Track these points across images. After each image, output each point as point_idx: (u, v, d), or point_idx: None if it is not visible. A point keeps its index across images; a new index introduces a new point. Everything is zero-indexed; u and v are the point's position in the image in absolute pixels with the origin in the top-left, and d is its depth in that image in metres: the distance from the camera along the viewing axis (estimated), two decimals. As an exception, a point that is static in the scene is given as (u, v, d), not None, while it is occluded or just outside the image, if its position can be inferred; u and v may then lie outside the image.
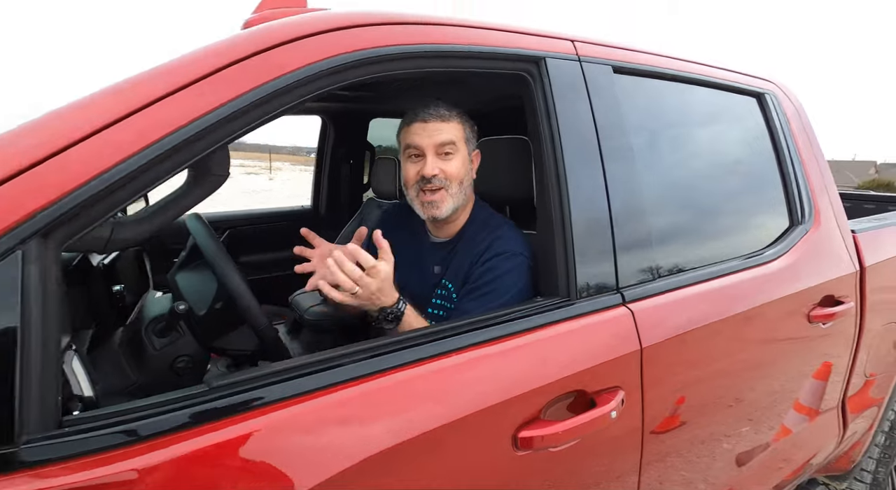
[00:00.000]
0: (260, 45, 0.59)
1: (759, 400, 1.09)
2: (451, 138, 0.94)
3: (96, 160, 0.47)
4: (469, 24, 0.78)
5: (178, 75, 0.54)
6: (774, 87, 1.31)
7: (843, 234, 1.28)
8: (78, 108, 0.50)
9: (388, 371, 0.60)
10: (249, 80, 0.56)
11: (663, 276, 0.91)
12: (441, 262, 1.01)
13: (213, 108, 0.54)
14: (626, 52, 0.97)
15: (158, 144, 0.50)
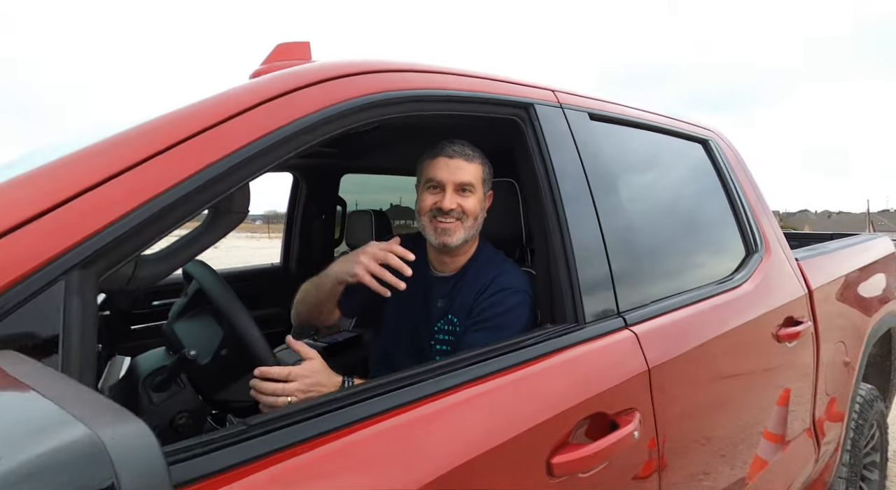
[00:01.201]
0: (275, 92, 0.61)
1: (751, 421, 1.14)
2: (471, 180, 0.98)
3: (134, 195, 0.46)
4: (467, 73, 0.85)
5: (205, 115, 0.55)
6: (714, 134, 1.50)
7: (790, 261, 1.43)
8: (113, 144, 0.49)
9: (417, 403, 0.58)
10: (271, 123, 0.58)
11: (655, 301, 0.96)
12: (445, 296, 1.02)
13: (241, 146, 0.55)
14: (598, 101, 1.09)
15: (189, 181, 0.50)
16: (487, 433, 0.61)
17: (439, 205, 0.96)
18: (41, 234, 0.40)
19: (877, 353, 2.17)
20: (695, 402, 0.95)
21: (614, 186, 0.99)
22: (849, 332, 1.64)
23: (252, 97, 0.58)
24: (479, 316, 0.94)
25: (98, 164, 0.46)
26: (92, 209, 0.43)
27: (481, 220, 1.03)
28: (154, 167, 0.48)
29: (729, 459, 1.08)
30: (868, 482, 1.98)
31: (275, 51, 0.84)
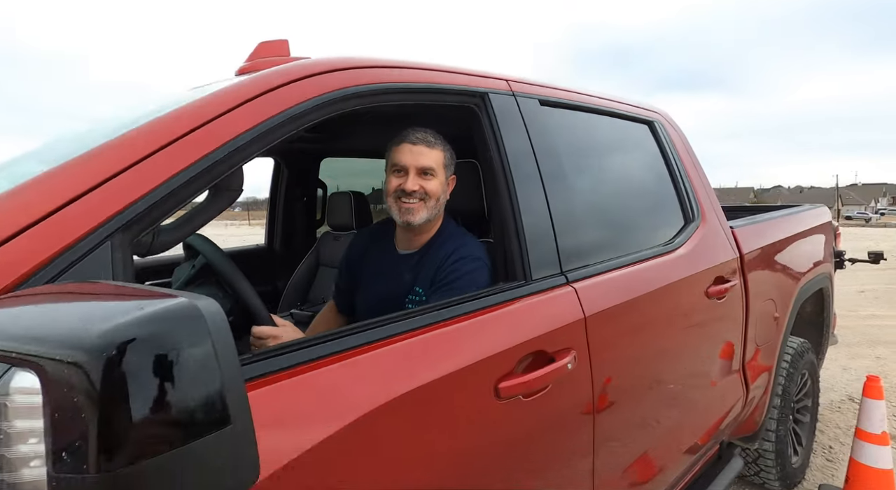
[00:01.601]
0: (264, 88, 0.73)
1: (680, 365, 1.33)
2: (432, 164, 1.10)
3: (156, 175, 0.58)
4: (426, 66, 0.98)
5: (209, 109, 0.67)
6: (660, 116, 1.66)
7: (724, 229, 1.61)
8: (138, 135, 0.61)
9: (399, 336, 0.73)
10: (261, 114, 0.70)
11: (596, 263, 1.13)
12: (412, 271, 1.15)
13: (238, 134, 0.67)
14: (548, 88, 1.23)
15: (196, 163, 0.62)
16: (450, 362, 0.76)
17: (403, 187, 1.09)
18: (93, 204, 0.52)
19: (812, 310, 2.42)
20: (629, 345, 1.13)
21: (561, 165, 1.14)
22: (778, 291, 1.85)
23: (244, 93, 0.70)
24: (441, 281, 1.08)
25: (126, 153, 0.58)
26: (126, 186, 0.55)
27: (444, 201, 1.15)
28: (170, 153, 0.60)
29: (662, 395, 1.27)
30: (801, 425, 2.24)
31: (257, 48, 0.95)
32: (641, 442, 1.20)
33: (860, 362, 3.69)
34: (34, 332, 0.28)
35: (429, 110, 1.13)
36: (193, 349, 0.30)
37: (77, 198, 0.52)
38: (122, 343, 0.28)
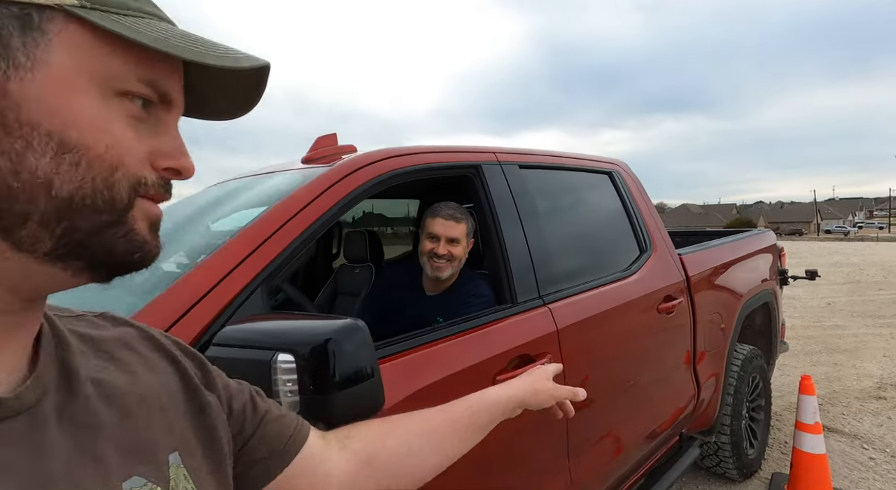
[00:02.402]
0: (336, 178, 1.10)
1: (638, 367, 1.69)
2: (458, 235, 1.48)
3: (283, 240, 0.93)
4: (442, 149, 1.36)
5: (305, 196, 1.03)
6: (618, 167, 2.06)
7: (672, 256, 2.00)
8: (265, 217, 0.96)
9: (423, 346, 1.08)
10: (336, 196, 1.06)
11: (566, 288, 1.49)
12: (437, 307, 1.51)
13: (323, 212, 1.03)
14: (526, 155, 1.61)
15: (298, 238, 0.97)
16: (464, 361, 1.11)
17: (435, 251, 1.46)
18: (251, 264, 0.87)
19: (761, 321, 2.81)
20: (593, 351, 1.48)
21: (536, 213, 1.52)
22: (723, 306, 2.23)
23: (324, 183, 1.07)
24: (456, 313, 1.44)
25: (265, 229, 0.93)
26: (266, 252, 0.90)
27: (464, 258, 1.52)
28: (287, 229, 0.95)
29: (624, 391, 1.62)
30: (756, 422, 2.59)
31: (316, 141, 1.33)
32: (608, 426, 1.54)
33: (819, 369, 4.08)
34: (287, 333, 0.62)
35: (442, 178, 1.50)
36: (357, 342, 0.64)
37: (244, 260, 0.86)
38: (328, 338, 0.62)
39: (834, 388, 3.62)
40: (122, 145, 0.31)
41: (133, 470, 0.34)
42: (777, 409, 3.17)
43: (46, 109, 0.28)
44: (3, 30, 0.28)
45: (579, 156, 1.89)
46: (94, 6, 0.30)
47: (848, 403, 3.35)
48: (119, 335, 0.41)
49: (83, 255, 0.31)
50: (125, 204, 0.31)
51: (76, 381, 0.35)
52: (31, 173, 0.28)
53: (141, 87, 0.32)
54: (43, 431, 0.31)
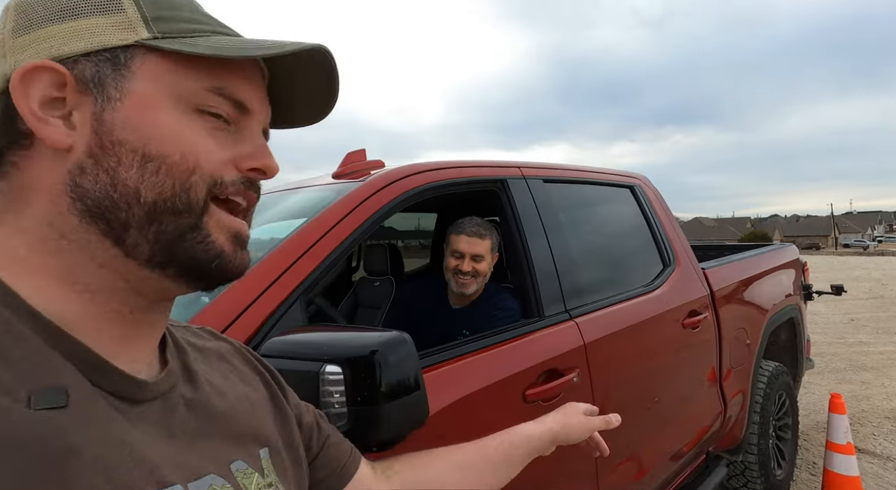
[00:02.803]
0: (368, 193, 1.12)
1: (664, 383, 1.66)
2: (482, 252, 1.49)
3: (320, 254, 0.95)
4: (468, 163, 1.38)
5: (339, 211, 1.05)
6: (639, 181, 2.06)
7: (696, 271, 1.98)
8: (302, 231, 0.98)
9: (452, 360, 1.08)
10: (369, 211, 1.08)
11: (592, 302, 1.48)
12: (462, 320, 1.52)
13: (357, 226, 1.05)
14: (549, 170, 1.63)
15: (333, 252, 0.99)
16: (493, 375, 1.10)
17: (460, 268, 1.48)
18: (290, 277, 0.88)
19: (786, 337, 2.75)
20: (620, 365, 1.47)
21: (561, 227, 1.52)
22: (748, 321, 2.19)
23: (357, 198, 1.09)
24: (482, 327, 1.44)
25: (303, 241, 0.95)
26: (304, 266, 0.92)
27: (489, 273, 1.53)
28: (324, 242, 0.97)
29: (650, 406, 1.59)
30: (784, 441, 2.52)
31: (346, 157, 1.36)
32: (633, 444, 1.51)
33: (846, 387, 3.96)
34: (334, 345, 0.63)
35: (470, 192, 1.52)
36: (403, 354, 0.64)
37: (283, 273, 0.88)
38: (374, 350, 0.63)
39: (863, 408, 3.51)
40: (196, 151, 0.34)
41: (237, 455, 0.39)
42: (804, 428, 3.08)
43: (131, 129, 0.33)
44: (100, 72, 0.33)
45: (601, 170, 1.90)
46: (164, 35, 0.34)
47: (879, 423, 3.24)
48: (216, 347, 0.47)
49: (173, 262, 0.35)
50: (200, 207, 0.35)
51: (195, 377, 0.40)
52: (124, 185, 0.33)
53: (212, 97, 0.35)
54: (172, 414, 0.36)
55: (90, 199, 0.33)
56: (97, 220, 0.33)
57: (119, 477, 0.29)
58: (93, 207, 0.33)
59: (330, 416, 0.62)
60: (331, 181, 1.29)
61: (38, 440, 0.27)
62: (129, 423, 0.32)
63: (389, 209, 1.11)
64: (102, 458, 0.29)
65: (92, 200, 0.33)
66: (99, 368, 0.33)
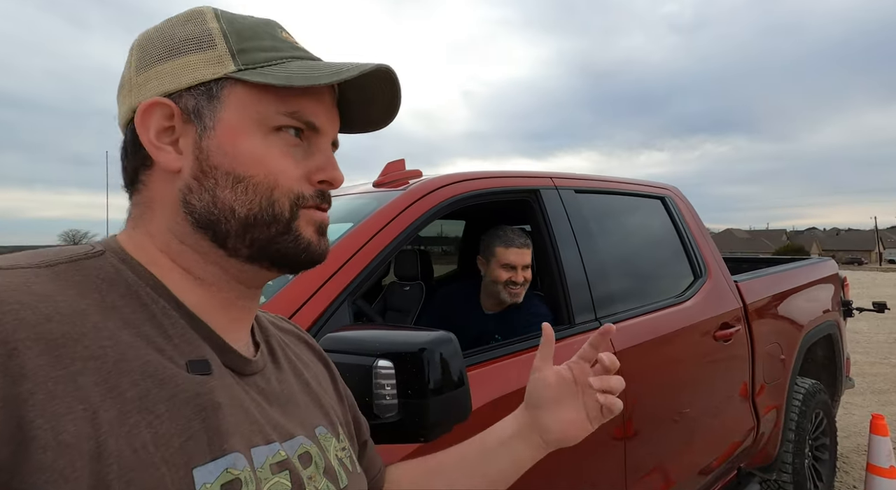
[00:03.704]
0: (409, 201, 1.18)
1: (694, 394, 1.65)
2: (529, 261, 1.55)
3: (365, 258, 1.01)
4: (503, 174, 1.43)
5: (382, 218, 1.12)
6: (670, 192, 2.06)
7: (728, 283, 1.96)
8: (349, 236, 1.05)
9: (485, 363, 1.12)
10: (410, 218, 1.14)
11: (622, 311, 1.50)
12: (496, 325, 1.57)
13: (399, 233, 1.11)
14: (581, 180, 1.66)
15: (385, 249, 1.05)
16: (524, 379, 1.14)
17: (514, 279, 1.53)
18: (339, 279, 0.95)
19: (823, 354, 2.67)
20: (651, 375, 1.47)
21: (592, 237, 1.55)
22: (783, 336, 2.15)
23: (399, 205, 1.15)
24: (517, 332, 1.48)
25: (351, 244, 1.02)
26: (351, 269, 0.98)
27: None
28: (369, 247, 1.03)
29: (679, 418, 1.59)
30: (821, 462, 2.44)
31: (386, 167, 1.43)
32: (661, 456, 1.51)
33: (890, 409, 3.78)
34: (386, 342, 0.68)
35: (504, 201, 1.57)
36: (449, 352, 0.69)
37: (333, 275, 0.95)
38: (422, 347, 0.68)
39: (907, 431, 3.35)
40: (276, 171, 0.40)
41: (320, 421, 0.46)
42: (843, 450, 2.97)
43: (223, 154, 0.39)
44: (199, 104, 0.39)
45: (633, 181, 1.91)
46: (248, 66, 0.39)
47: (924, 448, 3.09)
48: (290, 329, 0.54)
49: (266, 257, 0.41)
50: (288, 217, 0.40)
51: (280, 355, 0.47)
52: (222, 202, 0.39)
53: (287, 120, 0.40)
54: (268, 385, 0.43)
55: (197, 213, 0.39)
56: (205, 229, 0.39)
57: (243, 431, 0.37)
58: (200, 220, 0.39)
59: (381, 406, 0.67)
60: (372, 189, 1.36)
61: (198, 395, 0.35)
62: (243, 392, 0.39)
63: (429, 217, 1.17)
64: (234, 415, 0.37)
65: (199, 214, 0.39)
66: (222, 347, 0.40)
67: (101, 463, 0.29)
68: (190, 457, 0.33)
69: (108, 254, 0.38)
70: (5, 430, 0.27)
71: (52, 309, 0.31)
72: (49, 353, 0.29)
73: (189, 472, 0.32)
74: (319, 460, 0.43)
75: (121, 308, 0.35)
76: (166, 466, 0.31)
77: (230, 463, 0.34)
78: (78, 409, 0.29)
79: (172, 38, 0.40)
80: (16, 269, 0.33)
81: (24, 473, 0.27)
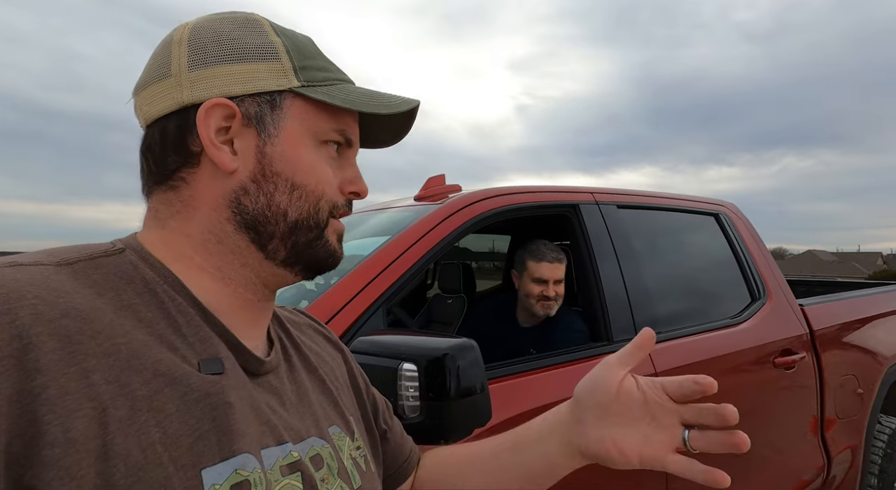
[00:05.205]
0: (446, 214, 1.23)
1: (749, 425, 1.54)
2: (562, 276, 1.57)
3: (401, 268, 1.07)
4: (541, 189, 1.44)
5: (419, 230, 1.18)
6: (725, 208, 1.96)
7: (792, 306, 1.82)
8: (387, 247, 1.12)
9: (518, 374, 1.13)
10: (446, 230, 1.19)
11: (666, 330, 1.44)
12: (532, 338, 1.57)
13: (435, 244, 1.16)
14: (623, 195, 1.63)
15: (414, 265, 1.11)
16: (558, 393, 1.13)
17: (545, 293, 1.55)
18: (374, 288, 1.01)
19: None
20: (695, 399, 1.40)
21: (634, 253, 1.52)
22: (860, 368, 1.94)
23: (436, 218, 1.20)
24: (553, 345, 1.47)
25: (386, 256, 1.08)
26: (387, 278, 1.04)
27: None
28: (405, 258, 1.09)
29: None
30: (912, 514, 2.15)
31: (427, 182, 1.49)
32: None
33: None
34: (411, 346, 0.73)
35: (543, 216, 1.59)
36: (470, 359, 0.72)
37: (369, 284, 1.02)
38: (445, 353, 0.71)
39: None
40: (325, 181, 0.43)
41: (333, 421, 0.47)
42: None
43: (285, 161, 0.41)
44: (261, 111, 0.41)
45: (682, 196, 1.85)
46: (309, 84, 0.42)
47: None
48: (307, 322, 0.57)
49: (300, 262, 0.43)
50: (324, 224, 0.43)
51: (294, 352, 0.48)
52: (277, 206, 0.41)
53: (335, 136, 0.43)
54: (282, 384, 0.44)
55: (248, 214, 0.40)
56: (249, 230, 0.40)
57: (253, 432, 0.37)
58: (248, 221, 0.40)
59: (406, 407, 0.71)
60: (412, 203, 1.43)
61: (209, 395, 0.35)
62: (256, 392, 0.40)
63: (463, 231, 1.21)
64: (245, 415, 0.37)
65: (250, 216, 0.40)
66: (236, 347, 0.40)
67: (108, 463, 0.29)
68: (199, 457, 0.33)
69: (128, 251, 0.39)
70: (20, 424, 0.27)
71: (69, 305, 0.32)
72: (63, 349, 0.30)
73: (197, 472, 0.32)
74: (332, 462, 0.42)
75: (136, 306, 0.35)
76: (174, 466, 0.31)
77: (240, 464, 0.34)
78: (88, 407, 0.29)
79: (235, 43, 0.41)
80: (37, 265, 0.33)
81: (35, 468, 0.27)
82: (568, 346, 1.41)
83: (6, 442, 0.27)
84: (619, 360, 0.50)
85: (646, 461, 0.46)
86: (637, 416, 0.47)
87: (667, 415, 0.46)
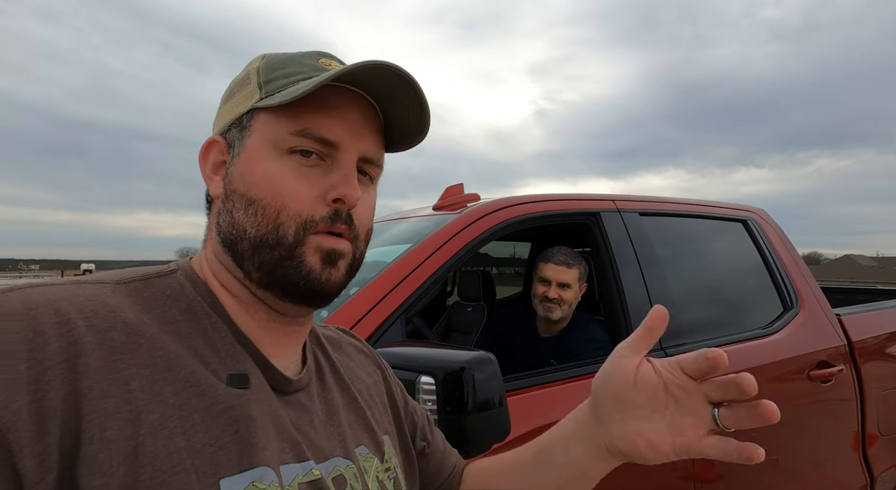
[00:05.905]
0: (465, 223, 1.23)
1: (783, 439, 1.47)
2: (569, 280, 1.53)
3: (419, 279, 1.07)
4: (561, 197, 1.43)
5: (437, 240, 1.18)
6: (754, 214, 1.90)
7: (828, 316, 1.74)
8: (405, 257, 1.12)
9: (539, 386, 1.11)
10: (465, 239, 1.19)
11: (692, 341, 1.40)
12: (550, 349, 1.55)
13: (454, 253, 1.16)
14: (646, 203, 1.60)
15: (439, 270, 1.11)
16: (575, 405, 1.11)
17: (546, 294, 1.53)
18: (393, 298, 1.02)
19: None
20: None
21: (658, 261, 1.48)
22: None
23: (455, 227, 1.20)
24: (572, 356, 1.44)
25: (404, 268, 1.08)
26: (405, 289, 1.05)
27: (576, 302, 1.55)
28: (423, 268, 1.09)
29: (766, 467, 1.42)
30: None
31: (446, 191, 1.50)
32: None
33: None
34: (429, 359, 0.73)
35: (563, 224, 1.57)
36: (488, 372, 0.72)
37: (389, 293, 1.02)
38: (463, 366, 0.71)
39: None
40: (284, 193, 0.40)
41: (361, 440, 0.46)
42: None
43: (240, 177, 0.41)
44: (234, 136, 0.43)
45: (707, 202, 1.80)
46: (268, 94, 0.41)
47: None
48: (348, 341, 0.57)
49: (275, 284, 0.41)
50: (292, 241, 0.39)
51: (328, 371, 0.49)
52: (238, 223, 0.41)
53: (297, 140, 0.40)
54: (312, 403, 0.44)
55: (223, 234, 0.42)
56: (228, 249, 0.42)
57: (274, 447, 0.38)
58: (224, 240, 0.42)
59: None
60: (431, 212, 1.44)
61: (233, 408, 0.37)
62: (282, 408, 0.40)
63: (482, 240, 1.20)
64: (266, 430, 0.38)
65: (224, 235, 0.42)
66: (265, 365, 0.41)
67: (137, 463, 0.31)
68: (218, 467, 0.34)
69: (179, 273, 0.42)
70: (71, 419, 0.30)
71: (119, 320, 0.35)
72: (109, 357, 0.33)
73: (216, 481, 0.33)
74: (356, 483, 0.42)
75: (178, 322, 0.38)
76: (196, 473, 0.33)
77: (257, 476, 0.35)
78: (125, 410, 0.32)
79: (232, 83, 0.46)
80: (98, 283, 0.38)
81: (78, 462, 0.30)
82: (588, 357, 1.38)
83: (60, 435, 0.30)
84: (631, 346, 0.46)
85: (680, 450, 0.42)
86: (661, 404, 0.43)
87: (691, 396, 0.42)
